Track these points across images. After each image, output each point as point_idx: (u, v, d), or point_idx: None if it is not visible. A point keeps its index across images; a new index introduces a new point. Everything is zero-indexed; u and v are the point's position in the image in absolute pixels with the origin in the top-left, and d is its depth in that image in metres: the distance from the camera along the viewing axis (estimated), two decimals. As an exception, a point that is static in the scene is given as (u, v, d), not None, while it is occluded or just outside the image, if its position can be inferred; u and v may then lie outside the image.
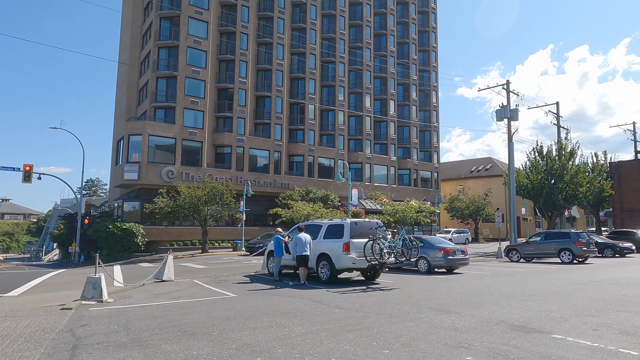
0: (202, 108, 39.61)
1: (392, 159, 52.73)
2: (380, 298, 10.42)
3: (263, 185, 41.70)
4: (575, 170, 32.35)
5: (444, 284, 13.24)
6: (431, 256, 16.73)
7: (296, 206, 26.38)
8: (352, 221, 13.44)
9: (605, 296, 10.56)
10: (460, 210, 51.84)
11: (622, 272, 16.99)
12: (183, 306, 9.52)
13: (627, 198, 38.25)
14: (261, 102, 43.91)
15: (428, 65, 58.20)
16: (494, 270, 18.14)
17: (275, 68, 44.21)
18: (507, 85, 33.09)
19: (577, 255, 22.06)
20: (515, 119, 31.88)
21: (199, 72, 39.54)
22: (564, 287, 12.25)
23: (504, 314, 8.30)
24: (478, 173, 61.96)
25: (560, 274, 16.05)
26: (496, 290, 11.76)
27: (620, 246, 27.17)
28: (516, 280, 14.24)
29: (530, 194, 33.81)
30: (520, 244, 25.32)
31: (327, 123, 48.12)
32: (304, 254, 13.22)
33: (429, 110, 57.56)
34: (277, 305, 9.53)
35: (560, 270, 17.95)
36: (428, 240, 17.37)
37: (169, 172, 36.79)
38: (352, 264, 12.81)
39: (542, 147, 34.48)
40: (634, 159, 41.38)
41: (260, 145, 42.65)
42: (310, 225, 14.98)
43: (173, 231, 36.41)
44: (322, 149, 46.59)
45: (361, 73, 51.05)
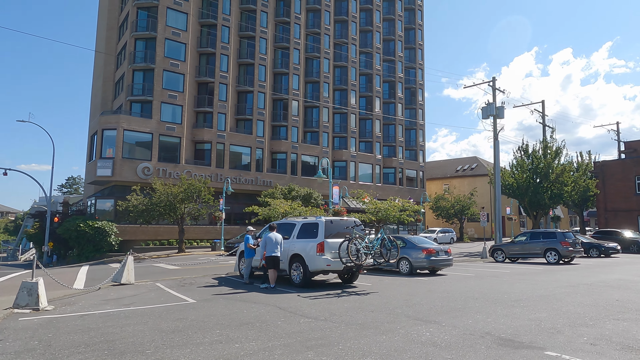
0: (181, 102, 38.19)
1: (377, 157, 51.94)
2: (354, 304, 9.43)
3: (244, 183, 40.47)
4: (561, 169, 31.95)
5: (425, 287, 12.33)
6: (413, 257, 15.83)
7: (273, 204, 25.28)
8: (327, 220, 12.42)
9: (598, 301, 9.74)
10: (445, 209, 51.32)
11: (610, 273, 16.34)
12: (129, 315, 8.38)
13: (611, 198, 38.08)
14: (243, 97, 42.63)
15: (414, 63, 57.58)
16: (478, 271, 17.34)
17: (257, 62, 42.99)
18: (492, 82, 32.52)
19: (563, 256, 21.45)
20: (501, 116, 31.32)
21: (177, 65, 38.11)
22: (552, 291, 11.43)
23: (490, 323, 7.37)
24: (463, 172, 61.64)
25: (548, 276, 15.30)
26: (481, 294, 10.88)
27: (606, 246, 26.77)
28: (502, 282, 13.42)
29: (516, 193, 33.32)
30: (505, 244, 24.65)
31: (311, 120, 47.06)
32: (274, 255, 12.16)
33: (414, 108, 56.95)
34: (236, 313, 8.46)
35: (547, 271, 17.24)
36: (410, 240, 16.47)
37: (145, 169, 35.31)
38: (327, 266, 11.80)
39: (527, 146, 34.02)
40: (618, 159, 41.31)
41: (242, 141, 41.39)
42: (283, 223, 13.92)
43: (149, 230, 34.94)
44: (305, 146, 45.53)
45: (346, 69, 50.12)
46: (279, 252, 12.28)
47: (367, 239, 11.53)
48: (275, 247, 12.24)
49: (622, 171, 37.83)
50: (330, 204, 22.52)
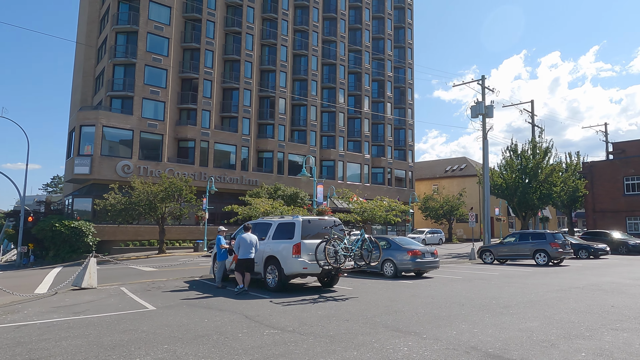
0: (164, 99, 37.04)
1: (365, 156, 51.25)
2: (329, 312, 8.59)
3: (229, 182, 39.44)
4: (550, 170, 31.54)
5: (409, 291, 11.54)
6: (398, 259, 15.05)
7: (254, 203, 24.36)
8: (305, 219, 11.57)
9: (592, 307, 9.04)
10: (434, 210, 50.83)
11: (601, 275, 15.75)
12: (73, 326, 7.44)
13: (599, 199, 37.83)
14: (228, 94, 41.61)
15: (404, 62, 57.03)
16: (466, 274, 16.63)
17: (244, 59, 41.99)
18: (482, 81, 32.01)
19: (552, 257, 20.88)
20: (490, 116, 30.85)
21: (160, 60, 36.95)
22: (543, 296, 10.72)
23: (476, 335, 6.59)
24: (453, 173, 61.25)
25: (537, 279, 14.64)
26: (468, 299, 10.12)
27: (595, 247, 26.33)
28: (490, 286, 12.69)
29: (505, 194, 32.86)
30: (494, 245, 24.03)
31: (298, 118, 46.19)
32: (248, 258, 11.27)
33: (404, 108, 56.39)
34: (195, 323, 7.57)
35: (537, 273, 16.59)
36: (395, 242, 15.69)
37: (125, 167, 34.11)
38: (303, 269, 10.94)
39: (516, 146, 33.57)
40: (607, 160, 41.14)
41: (227, 139, 40.35)
42: (259, 223, 13.04)
43: (129, 230, 33.75)
44: (292, 145, 44.63)
45: (335, 67, 49.35)
46: (253, 254, 11.41)
47: (346, 240, 10.71)
48: (250, 249, 11.36)
49: (611, 172, 37.62)
50: (315, 204, 21.70)
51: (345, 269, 10.93)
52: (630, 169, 36.36)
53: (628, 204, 36.25)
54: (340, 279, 14.02)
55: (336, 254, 10.42)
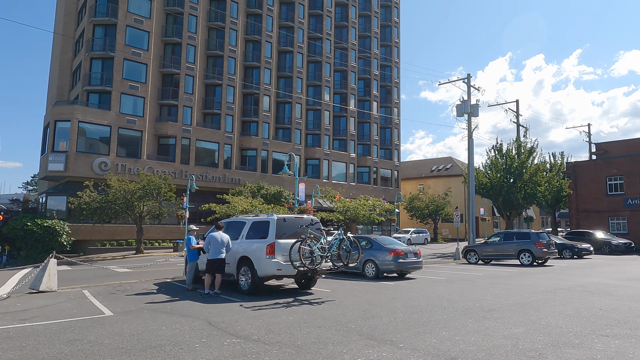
0: (143, 94, 35.93)
1: (351, 155, 50.75)
2: (301, 317, 7.96)
3: (211, 180, 38.50)
4: (535, 169, 31.46)
5: (389, 293, 10.97)
6: (380, 259, 14.49)
7: (233, 201, 23.61)
8: (280, 217, 10.91)
9: (580, 310, 8.58)
10: (419, 209, 50.61)
11: (586, 276, 15.43)
12: (13, 336, 6.66)
13: (582, 199, 37.96)
14: (211, 90, 40.65)
15: (390, 61, 56.70)
16: (450, 274, 16.16)
17: (227, 55, 41.08)
18: (467, 79, 31.75)
19: (537, 257, 20.60)
20: (475, 114, 30.62)
21: (139, 54, 35.84)
22: (529, 298, 10.26)
23: (457, 343, 6.03)
24: (438, 172, 61.20)
25: (522, 279, 14.23)
26: (450, 302, 9.59)
27: (579, 247, 26.23)
28: (474, 288, 12.21)
29: (490, 193, 32.70)
30: (478, 244, 23.70)
31: (283, 116, 45.44)
32: (218, 258, 10.57)
33: (390, 107, 56.06)
34: (152, 331, 6.85)
35: (522, 274, 16.22)
36: (377, 241, 15.13)
37: (102, 164, 32.96)
38: (278, 270, 10.28)
39: (501, 145, 33.43)
40: (590, 160, 41.36)
41: (209, 137, 39.40)
42: (233, 222, 12.33)
43: (105, 230, 32.62)
44: (277, 143, 43.86)
45: (320, 65, 48.72)
46: (224, 254, 10.71)
47: (323, 240, 10.08)
48: (221, 248, 10.66)
49: (594, 172, 37.77)
50: (296, 202, 21.06)
51: (322, 270, 10.30)
52: (613, 169, 36.54)
53: (611, 204, 36.42)
54: (319, 281, 13.41)
55: (312, 255, 9.79)
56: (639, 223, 34.71)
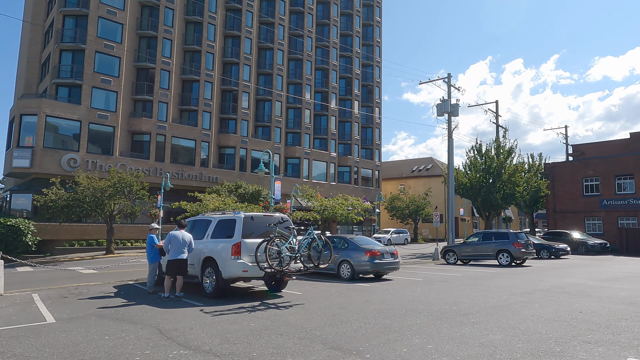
0: (116, 88, 34.61)
1: (332, 155, 50.23)
2: (264, 323, 7.30)
3: (187, 178, 37.39)
4: (513, 169, 31.53)
5: (363, 296, 10.41)
6: (355, 260, 13.93)
7: (205, 199, 22.76)
8: (247, 215, 10.22)
9: (559, 313, 8.17)
10: (400, 210, 50.49)
11: (564, 276, 15.21)
12: None
13: (560, 199, 38.33)
14: (188, 86, 39.52)
15: (372, 61, 56.42)
16: (428, 275, 15.74)
17: (205, 50, 40.01)
18: (448, 79, 31.61)
19: (515, 258, 20.43)
20: (455, 114, 30.48)
21: (112, 47, 34.50)
22: (507, 300, 9.84)
23: (430, 353, 5.48)
24: (419, 173, 61.28)
25: (501, 280, 13.89)
26: (426, 305, 9.08)
27: (556, 247, 26.29)
28: (452, 289, 11.77)
29: (469, 193, 32.66)
30: (457, 245, 23.45)
31: (262, 114, 44.59)
32: (179, 259, 9.82)
33: (371, 106, 55.78)
34: (90, 342, 6.09)
35: (500, 275, 15.91)
36: (353, 241, 14.57)
37: (71, 160, 31.55)
38: (243, 272, 9.59)
39: (481, 145, 33.43)
40: (567, 161, 41.84)
41: (186, 134, 38.27)
42: (198, 220, 11.58)
43: (74, 229, 31.22)
44: (256, 141, 42.99)
45: (301, 63, 48.04)
46: (185, 254, 9.97)
47: (292, 239, 9.43)
48: (182, 248, 9.91)
49: (571, 173, 38.17)
50: (272, 201, 20.38)
51: (291, 272, 9.65)
52: (589, 171, 37.00)
53: (587, 204, 36.85)
54: (292, 283, 12.79)
55: (279, 255, 9.14)
56: (613, 224, 35.19)
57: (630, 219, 34.63)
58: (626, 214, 34.82)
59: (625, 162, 35.51)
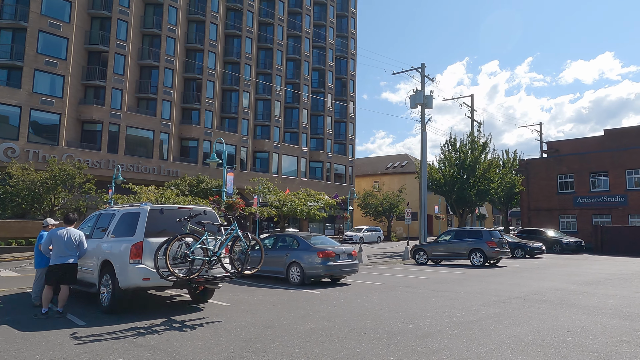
0: (63, 72, 31.57)
1: (303, 149, 48.16)
2: (141, 356, 5.20)
3: (144, 172, 34.65)
4: (488, 164, 30.25)
5: (303, 309, 8.41)
6: (306, 262, 11.94)
7: (140, 191, 20.41)
8: (155, 208, 8.06)
9: (543, 334, 6.36)
10: (373, 207, 48.88)
11: (541, 279, 13.63)
12: None
13: (534, 196, 37.41)
14: (146, 72, 36.70)
15: (346, 53, 54.55)
16: (392, 279, 13.89)
17: (165, 34, 37.24)
18: (421, 69, 30.01)
19: (489, 257, 18.88)
20: (429, 106, 28.96)
21: (59, 26, 31.43)
22: (478, 312, 8.02)
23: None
24: (394, 170, 59.93)
25: (472, 285, 12.15)
26: (376, 322, 7.15)
27: (531, 246, 25.02)
28: (415, 297, 9.91)
29: (443, 189, 31.26)
30: (428, 244, 21.78)
31: (229, 105, 42.10)
32: (63, 264, 7.59)
33: (345, 100, 53.95)
34: None
35: (472, 277, 14.21)
36: (304, 240, 12.57)
37: (9, 150, 28.46)
38: (144, 280, 7.42)
39: (455, 140, 32.02)
40: (542, 158, 41.03)
41: (143, 124, 35.49)
42: (103, 214, 9.31)
43: (12, 226, 28.19)
44: (221, 133, 40.49)
45: (271, 52, 45.74)
46: (73, 258, 7.74)
47: (204, 239, 7.33)
48: (68, 250, 7.67)
49: (546, 170, 37.28)
50: (224, 195, 18.24)
51: (203, 280, 7.53)
52: (564, 167, 36.15)
53: (561, 202, 36.01)
54: (229, 289, 10.70)
55: (186, 259, 7.03)
56: (587, 222, 34.41)
57: (604, 217, 33.90)
58: (600, 212, 34.08)
59: (600, 159, 34.77)
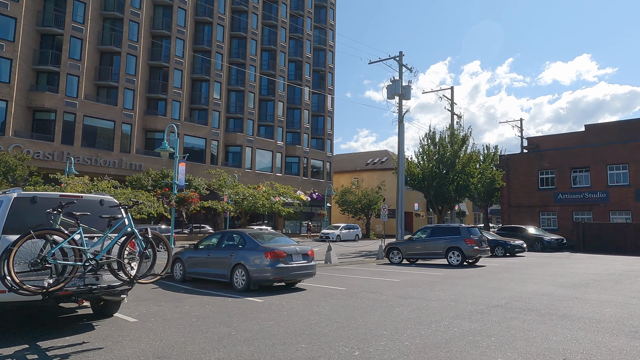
0: (10, 55, 28.89)
1: (278, 143, 46.16)
2: None
3: (104, 165, 32.18)
4: (468, 158, 28.87)
5: (228, 326, 6.55)
6: (252, 264, 10.06)
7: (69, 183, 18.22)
8: (25, 196, 6.08)
9: (532, 365, 4.67)
10: (352, 204, 47.27)
11: (524, 282, 12.08)
12: None
13: (514, 193, 36.33)
14: (107, 58, 34.15)
15: (324, 45, 52.68)
16: (357, 282, 12.16)
17: (128, 18, 34.73)
18: (399, 57, 28.38)
19: (467, 256, 17.35)
20: (407, 97, 27.34)
21: (6, 5, 28.69)
22: (448, 329, 6.30)
23: None
24: (374, 166, 58.42)
25: (446, 289, 10.49)
26: (313, 345, 5.35)
27: (512, 244, 23.72)
28: (375, 307, 8.16)
29: (422, 185, 29.78)
30: (403, 241, 20.12)
31: (199, 95, 39.80)
32: None
33: (323, 93, 52.13)
34: None
35: (447, 279, 12.58)
36: (251, 238, 10.69)
37: (-54, 140, 25.75)
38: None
39: (434, 133, 30.56)
40: (523, 153, 40.01)
41: (102, 113, 32.97)
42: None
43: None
44: (190, 125, 38.19)
45: (245, 41, 43.55)
46: None
47: (76, 236, 5.39)
48: None
49: (526, 166, 36.22)
50: (175, 187, 16.24)
51: (80, 292, 5.59)
52: (545, 163, 35.14)
53: (542, 198, 35.01)
54: (155, 297, 8.77)
55: (43, 264, 5.09)
56: (568, 219, 33.47)
57: (585, 214, 32.98)
58: (581, 209, 33.14)
59: (582, 155, 33.84)
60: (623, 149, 31.88)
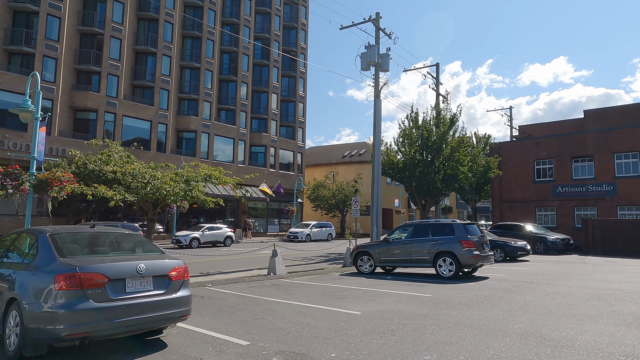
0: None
1: (241, 130, 40.53)
2: None
3: (14, 148, 26.02)
4: (457, 142, 24.05)
5: None
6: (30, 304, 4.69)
7: None
8: None
9: None
10: (325, 199, 42.16)
11: (566, 315, 7.04)
12: None
13: (507, 186, 31.75)
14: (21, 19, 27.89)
15: (296, 22, 47.25)
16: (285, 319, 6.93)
17: None
18: (376, 20, 23.25)
19: (463, 265, 12.34)
20: (385, 67, 22.35)
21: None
22: None
23: None
24: (351, 158, 53.43)
25: (444, 345, 5.32)
26: None
27: (513, 246, 18.98)
28: None
29: (402, 175, 24.89)
30: (376, 244, 14.82)
31: (143, 71, 33.83)
32: None
33: (294, 76, 46.70)
34: None
35: (440, 310, 7.42)
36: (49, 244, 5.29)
37: None
38: None
39: (417, 114, 25.65)
40: (516, 140, 35.51)
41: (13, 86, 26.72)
42: None
43: None
44: (131, 105, 32.18)
45: (201, 11, 37.73)
46: None
47: None
48: None
49: (521, 155, 31.65)
50: (33, 163, 10.80)
51: None
52: (541, 152, 30.59)
53: (538, 192, 30.50)
54: None
55: None
56: (568, 215, 29.04)
57: (588, 209, 28.54)
58: (584, 204, 28.69)
59: (584, 141, 29.39)
60: (633, 134, 27.57)
